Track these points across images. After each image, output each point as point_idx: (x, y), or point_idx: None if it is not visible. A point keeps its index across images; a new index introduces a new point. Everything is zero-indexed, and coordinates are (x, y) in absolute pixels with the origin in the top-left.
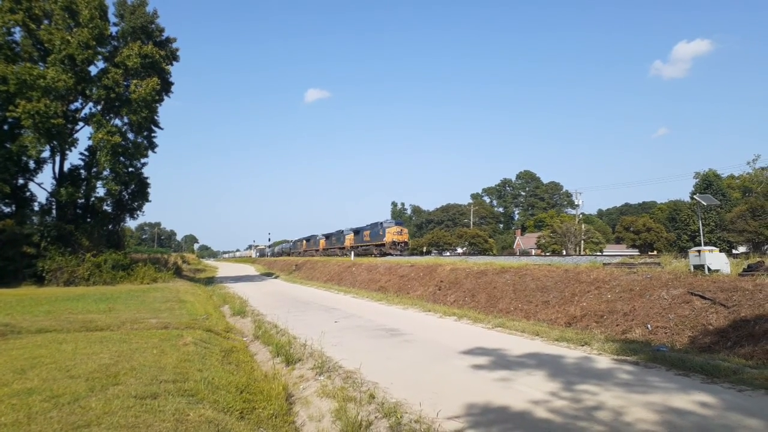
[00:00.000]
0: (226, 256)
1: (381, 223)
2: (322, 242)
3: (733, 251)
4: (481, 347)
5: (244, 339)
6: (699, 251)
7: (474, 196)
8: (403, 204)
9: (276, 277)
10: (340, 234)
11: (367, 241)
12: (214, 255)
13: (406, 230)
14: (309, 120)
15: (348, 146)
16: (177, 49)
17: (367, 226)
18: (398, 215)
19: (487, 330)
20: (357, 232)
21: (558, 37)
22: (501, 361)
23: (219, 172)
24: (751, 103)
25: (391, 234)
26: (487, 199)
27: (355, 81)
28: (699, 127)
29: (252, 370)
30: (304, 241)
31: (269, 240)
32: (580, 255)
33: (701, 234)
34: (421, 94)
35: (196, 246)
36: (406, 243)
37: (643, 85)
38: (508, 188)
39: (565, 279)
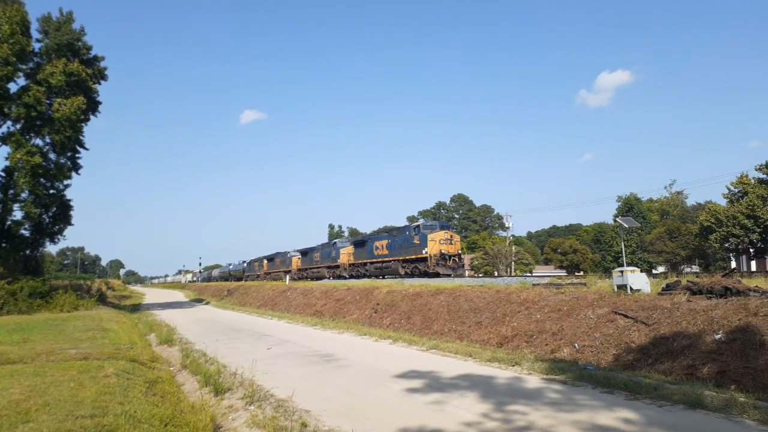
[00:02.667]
0: (155, 281)
1: (416, 226)
2: (297, 261)
3: (653, 271)
4: (415, 370)
5: (171, 369)
6: (622, 272)
7: (410, 219)
8: (340, 226)
9: (207, 303)
10: (328, 248)
11: (384, 255)
12: (141, 281)
13: (457, 237)
14: (244, 142)
15: (284, 169)
16: (105, 68)
17: (384, 234)
18: (335, 237)
19: (422, 352)
20: (360, 244)
21: (489, 64)
22: (435, 384)
23: (148, 196)
24: (667, 130)
25: (437, 243)
26: (422, 221)
27: (291, 103)
28: (621, 152)
29: (178, 401)
30: (265, 261)
31: (200, 264)
32: (511, 276)
33: (624, 255)
34: (355, 117)
35: (122, 271)
36: (460, 256)
37: (569, 113)
38: (442, 211)
39: (497, 300)
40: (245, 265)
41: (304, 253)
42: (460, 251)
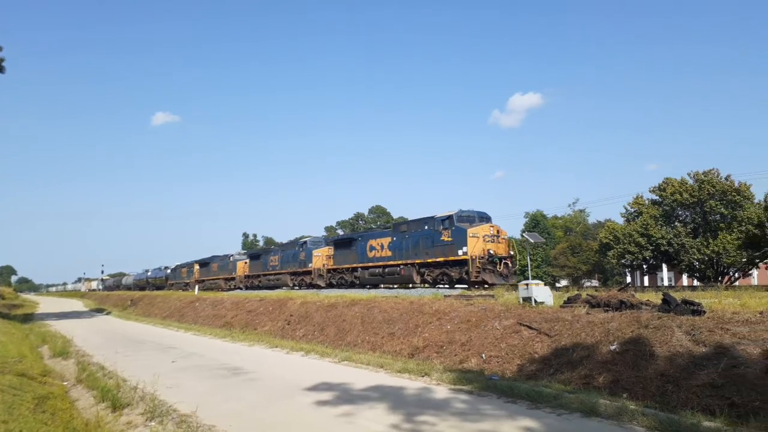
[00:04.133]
0: (53, 290)
1: (447, 218)
2: (243, 266)
3: (557, 284)
4: (326, 382)
5: (65, 383)
6: (527, 284)
7: (328, 229)
8: (255, 235)
9: (108, 314)
10: (293, 249)
11: (386, 258)
12: (36, 289)
13: (505, 232)
14: (155, 146)
15: (196, 176)
16: (2, 59)
17: (386, 230)
18: (250, 246)
19: (334, 364)
20: (344, 243)
21: (410, 79)
22: (345, 396)
23: (44, 198)
24: (572, 151)
25: (480, 240)
26: (340, 232)
27: (205, 106)
28: (530, 171)
29: (71, 418)
30: (197, 267)
31: (102, 272)
32: (424, 287)
33: (529, 268)
34: (271, 127)
35: (13, 279)
36: (512, 259)
37: (483, 132)
38: (361, 221)
39: (410, 311)
40: (169, 271)
41: (255, 256)
42: (511, 252)
